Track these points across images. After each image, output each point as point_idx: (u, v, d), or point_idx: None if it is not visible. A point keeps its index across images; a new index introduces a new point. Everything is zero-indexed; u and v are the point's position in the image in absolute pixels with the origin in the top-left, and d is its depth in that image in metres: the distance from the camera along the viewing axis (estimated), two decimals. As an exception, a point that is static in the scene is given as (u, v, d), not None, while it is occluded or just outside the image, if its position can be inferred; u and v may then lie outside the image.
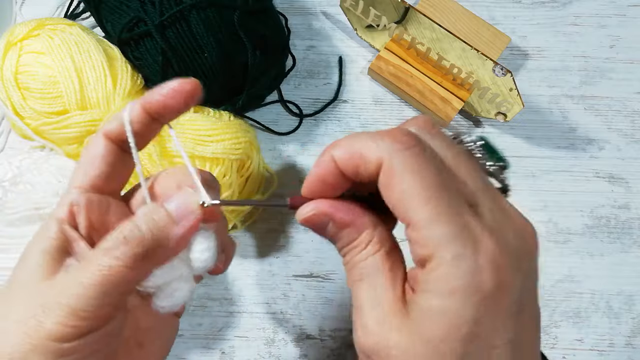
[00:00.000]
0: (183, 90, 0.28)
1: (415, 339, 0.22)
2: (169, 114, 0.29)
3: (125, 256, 0.25)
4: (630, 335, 0.49)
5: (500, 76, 0.47)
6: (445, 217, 0.22)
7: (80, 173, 0.29)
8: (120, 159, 0.29)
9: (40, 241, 0.27)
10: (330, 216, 0.26)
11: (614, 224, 0.52)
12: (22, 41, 0.48)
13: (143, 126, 0.28)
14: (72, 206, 0.28)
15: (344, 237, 0.26)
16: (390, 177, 0.23)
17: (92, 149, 0.29)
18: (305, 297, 0.50)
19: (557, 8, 0.59)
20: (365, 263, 0.25)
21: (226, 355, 0.49)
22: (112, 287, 0.25)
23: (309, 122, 0.55)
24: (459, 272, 0.22)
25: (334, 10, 0.59)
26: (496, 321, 0.22)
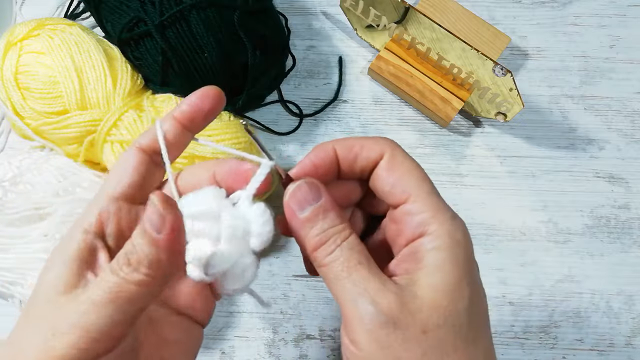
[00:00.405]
0: (209, 96, 0.29)
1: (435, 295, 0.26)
2: (201, 120, 0.30)
3: (130, 275, 0.25)
4: (630, 335, 0.49)
5: (500, 76, 0.47)
6: (437, 194, 0.28)
7: (112, 182, 0.29)
8: (151, 170, 0.30)
9: (63, 251, 0.27)
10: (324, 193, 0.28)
11: (614, 224, 0.52)
12: (22, 41, 0.48)
13: (175, 137, 0.29)
14: (101, 214, 0.28)
15: (328, 220, 0.27)
16: (394, 161, 0.29)
17: (124, 159, 0.29)
18: (305, 297, 0.50)
19: (557, 8, 0.59)
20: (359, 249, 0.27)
21: (226, 355, 0.49)
22: (125, 305, 0.25)
23: (309, 122, 0.55)
24: (457, 229, 0.27)
25: (334, 10, 0.59)
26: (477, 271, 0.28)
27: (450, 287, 0.26)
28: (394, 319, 0.25)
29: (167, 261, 0.26)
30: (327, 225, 0.27)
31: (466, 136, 0.55)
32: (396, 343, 0.25)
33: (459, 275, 0.26)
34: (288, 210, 0.28)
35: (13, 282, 0.45)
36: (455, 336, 0.26)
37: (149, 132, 0.30)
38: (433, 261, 0.26)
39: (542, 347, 0.49)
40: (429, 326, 0.25)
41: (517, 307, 0.50)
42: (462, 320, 0.26)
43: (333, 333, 0.49)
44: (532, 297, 0.50)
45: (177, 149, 0.30)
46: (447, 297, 0.26)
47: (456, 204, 0.52)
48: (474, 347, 0.26)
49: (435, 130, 0.55)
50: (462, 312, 0.26)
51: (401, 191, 0.28)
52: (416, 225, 0.27)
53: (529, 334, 0.49)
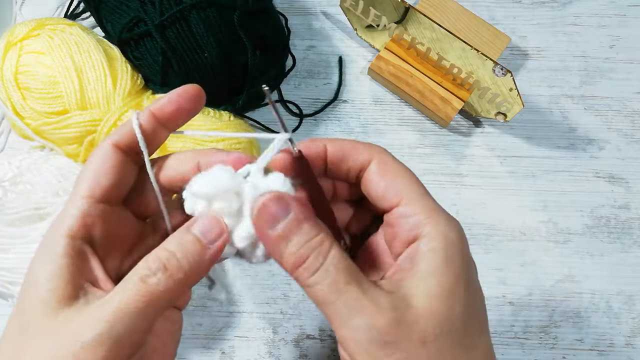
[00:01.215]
0: (189, 94, 0.29)
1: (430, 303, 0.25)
2: (178, 119, 0.29)
3: (165, 283, 0.25)
4: (630, 335, 0.49)
5: (500, 76, 0.47)
6: (429, 196, 0.28)
7: (90, 182, 0.28)
8: (128, 168, 0.29)
9: (49, 261, 0.26)
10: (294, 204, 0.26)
11: (614, 224, 0.52)
12: (22, 41, 0.48)
13: (152, 133, 0.29)
14: (85, 218, 0.27)
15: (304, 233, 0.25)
16: (383, 165, 0.29)
17: (101, 158, 0.28)
18: (305, 297, 0.50)
19: (557, 8, 0.59)
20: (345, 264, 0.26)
21: (226, 355, 0.49)
22: (151, 312, 0.25)
23: (309, 122, 0.55)
24: (452, 230, 0.27)
25: (334, 10, 0.59)
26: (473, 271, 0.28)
27: (445, 292, 0.25)
28: (392, 338, 0.24)
29: (206, 270, 0.26)
30: (304, 238, 0.25)
31: (466, 136, 0.55)
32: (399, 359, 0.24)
33: (455, 277, 0.26)
34: (258, 229, 0.26)
35: (13, 282, 0.45)
36: (453, 343, 0.25)
37: (124, 127, 0.29)
38: (427, 265, 0.26)
39: (542, 347, 0.49)
40: (428, 338, 0.25)
41: (517, 307, 0.50)
42: (458, 325, 0.25)
43: (333, 333, 0.49)
44: (532, 297, 0.50)
45: (153, 145, 0.29)
46: (443, 303, 0.25)
47: (456, 204, 0.52)
48: (473, 351, 0.26)
49: (435, 130, 0.55)
50: (459, 317, 0.25)
51: (393, 194, 0.28)
52: (410, 228, 0.27)
53: (529, 334, 0.49)
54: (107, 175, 0.28)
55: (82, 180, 0.28)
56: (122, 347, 0.24)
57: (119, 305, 0.24)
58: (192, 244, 0.26)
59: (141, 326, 0.25)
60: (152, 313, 0.25)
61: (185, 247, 0.26)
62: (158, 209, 0.30)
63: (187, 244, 0.26)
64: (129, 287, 0.25)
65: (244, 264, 0.51)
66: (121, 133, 0.29)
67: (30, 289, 0.26)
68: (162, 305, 0.25)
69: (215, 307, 0.50)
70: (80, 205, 0.27)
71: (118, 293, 0.25)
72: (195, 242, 0.26)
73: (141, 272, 0.25)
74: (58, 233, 0.27)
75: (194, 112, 0.29)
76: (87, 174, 0.28)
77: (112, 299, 0.25)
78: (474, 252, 0.28)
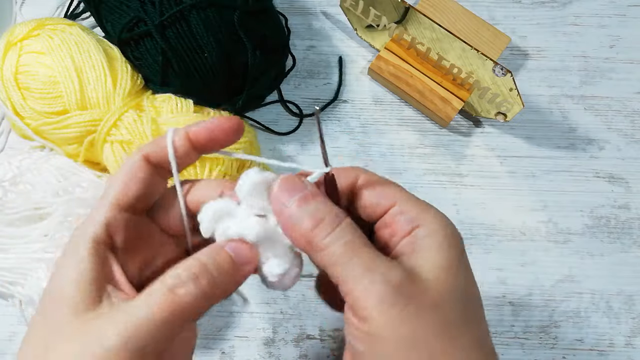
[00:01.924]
0: (226, 127, 0.29)
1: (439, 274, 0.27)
2: (211, 147, 0.30)
3: (194, 294, 0.25)
4: (630, 335, 0.49)
5: (500, 76, 0.47)
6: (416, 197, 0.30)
7: (117, 191, 0.28)
8: (156, 181, 0.29)
9: (75, 265, 0.26)
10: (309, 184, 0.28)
11: (614, 224, 0.52)
12: (22, 41, 0.48)
13: (184, 154, 0.29)
14: (109, 225, 0.27)
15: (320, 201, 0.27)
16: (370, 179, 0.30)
17: (131, 168, 0.29)
18: (305, 297, 0.50)
19: (557, 8, 0.59)
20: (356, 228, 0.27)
21: (226, 355, 0.49)
22: (176, 323, 0.25)
23: (309, 122, 0.55)
24: (444, 220, 0.28)
25: (334, 10, 0.59)
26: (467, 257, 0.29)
27: (449, 265, 0.27)
28: (406, 294, 0.25)
29: (233, 289, 0.27)
30: (321, 204, 0.27)
31: (466, 136, 0.55)
32: (410, 318, 0.25)
33: (456, 255, 0.27)
34: (276, 203, 0.27)
35: (13, 282, 0.45)
36: (461, 312, 0.26)
37: (157, 142, 0.29)
38: (429, 244, 0.27)
39: (542, 347, 0.49)
40: (439, 301, 0.26)
41: (517, 307, 0.50)
42: (463, 296, 0.27)
43: (333, 333, 0.49)
44: (532, 297, 0.50)
45: (182, 164, 0.30)
46: (449, 274, 0.27)
47: (456, 204, 0.52)
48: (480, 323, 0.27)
49: (435, 130, 0.55)
50: (464, 289, 0.27)
51: (387, 199, 0.29)
52: (408, 222, 0.28)
53: (529, 334, 0.49)
54: (135, 186, 0.28)
55: (111, 188, 0.28)
56: (145, 355, 0.24)
57: (146, 315, 0.24)
58: (225, 261, 0.27)
59: (166, 335, 0.25)
60: (178, 323, 0.25)
61: (218, 262, 0.26)
62: (182, 226, 0.30)
63: (220, 259, 0.27)
64: (156, 295, 0.25)
65: (244, 264, 0.51)
66: (153, 147, 0.29)
67: (55, 292, 0.26)
68: (188, 316, 0.25)
69: (215, 307, 0.50)
70: (106, 212, 0.28)
71: (145, 301, 0.25)
72: (228, 259, 0.27)
73: (170, 281, 0.25)
74: (83, 238, 0.27)
75: (229, 144, 0.30)
76: (115, 183, 0.29)
77: (139, 306, 0.25)
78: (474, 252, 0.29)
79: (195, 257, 0.26)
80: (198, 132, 0.29)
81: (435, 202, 0.29)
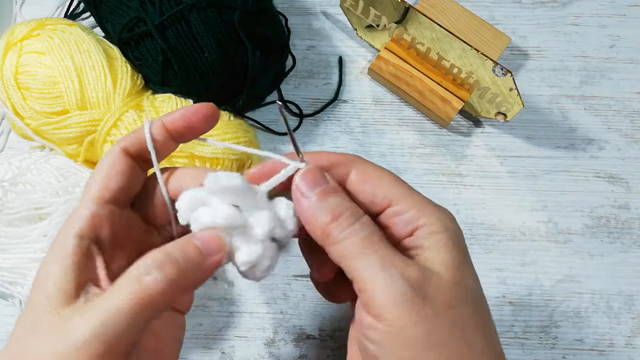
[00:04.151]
0: (201, 114, 0.30)
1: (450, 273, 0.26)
2: (188, 135, 0.30)
3: (160, 282, 0.25)
4: (630, 335, 0.49)
5: (500, 76, 0.47)
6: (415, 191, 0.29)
7: (100, 185, 0.28)
8: (137, 173, 0.30)
9: (58, 260, 0.27)
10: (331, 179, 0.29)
11: (614, 224, 0.52)
12: (22, 41, 0.48)
13: (162, 144, 0.30)
14: (94, 218, 0.28)
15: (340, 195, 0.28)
16: (363, 173, 0.29)
17: (111, 162, 0.29)
18: (305, 297, 0.50)
19: (557, 8, 0.59)
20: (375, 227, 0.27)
21: (226, 355, 0.49)
22: (145, 313, 0.25)
23: (309, 122, 0.55)
24: (446, 217, 0.28)
25: (334, 10, 0.59)
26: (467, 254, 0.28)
27: (458, 265, 0.26)
28: (423, 292, 0.25)
29: (202, 280, 0.27)
30: (340, 200, 0.27)
31: (466, 136, 0.55)
32: (427, 317, 0.25)
33: (462, 254, 0.27)
34: (297, 193, 0.28)
35: (13, 282, 0.45)
36: (472, 314, 0.26)
37: (134, 134, 0.30)
38: (435, 243, 0.27)
39: (542, 347, 0.49)
40: (453, 301, 0.26)
41: (517, 307, 0.50)
42: (475, 297, 0.26)
43: (333, 333, 0.49)
44: (532, 297, 0.50)
45: (161, 154, 0.30)
46: (459, 273, 0.26)
47: (456, 204, 0.52)
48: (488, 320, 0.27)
49: (435, 130, 0.55)
50: (473, 290, 0.27)
51: (382, 197, 0.28)
52: (406, 224, 0.28)
53: (529, 334, 0.49)
54: (116, 178, 0.29)
55: (93, 183, 0.29)
56: (116, 345, 0.24)
57: (115, 305, 0.24)
58: (192, 251, 0.26)
59: (136, 325, 0.25)
60: (147, 313, 0.25)
61: (183, 251, 0.26)
62: (165, 215, 0.31)
63: (187, 249, 0.26)
64: (123, 287, 0.25)
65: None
66: (131, 139, 0.29)
67: (39, 286, 0.27)
68: (156, 305, 0.25)
69: (215, 307, 0.50)
70: (90, 206, 0.28)
71: (113, 293, 0.25)
72: (194, 248, 0.27)
73: (136, 272, 0.25)
74: (68, 233, 0.27)
75: (205, 130, 0.30)
76: (97, 178, 0.29)
77: (108, 298, 0.25)
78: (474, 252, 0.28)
79: (162, 248, 0.26)
80: (174, 120, 0.29)
81: (436, 202, 0.29)
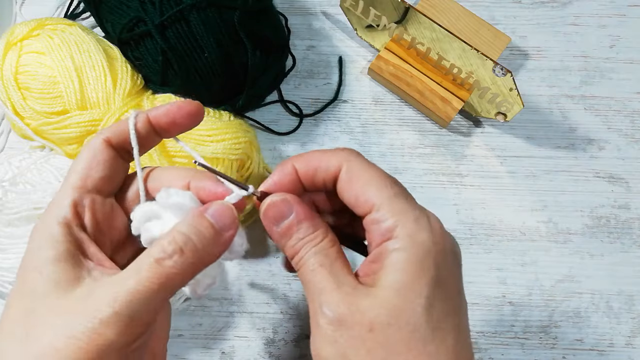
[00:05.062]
0: (185, 111, 0.30)
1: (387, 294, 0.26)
2: (172, 131, 0.31)
3: (180, 266, 0.26)
4: (630, 335, 0.49)
5: (500, 76, 0.47)
6: (401, 197, 0.28)
7: (81, 175, 0.29)
8: (118, 164, 0.30)
9: (48, 247, 0.27)
10: (296, 206, 0.29)
11: (614, 224, 0.52)
12: (22, 41, 0.48)
13: (145, 137, 0.30)
14: (76, 205, 0.28)
15: (302, 230, 0.29)
16: (352, 173, 0.29)
17: (92, 152, 0.29)
18: (305, 297, 0.50)
19: (557, 8, 0.59)
20: (327, 252, 0.28)
21: (226, 355, 0.49)
22: (164, 293, 0.26)
23: (309, 122, 0.55)
24: (421, 230, 0.27)
25: (334, 10, 0.59)
26: (448, 271, 0.28)
27: (405, 286, 0.27)
28: (340, 317, 0.26)
29: (217, 256, 0.28)
30: (302, 235, 0.29)
31: (466, 136, 0.55)
32: (343, 340, 0.26)
33: (417, 274, 0.27)
34: (265, 225, 0.30)
35: (13, 282, 0.45)
36: (410, 335, 0.26)
37: (117, 125, 0.30)
38: (392, 262, 0.27)
39: (542, 347, 0.49)
40: (376, 324, 0.26)
41: (517, 307, 0.50)
42: (418, 320, 0.26)
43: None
44: (532, 297, 0.50)
45: (144, 147, 0.31)
46: (402, 296, 0.26)
47: (456, 204, 0.52)
48: (435, 346, 0.26)
49: (435, 130, 0.55)
50: (420, 311, 0.26)
51: (364, 201, 0.29)
52: (382, 233, 0.28)
53: (529, 334, 0.49)
54: (98, 168, 0.29)
55: (73, 172, 0.29)
56: (136, 325, 0.25)
57: (136, 286, 0.25)
58: (207, 229, 0.27)
59: (154, 306, 0.26)
60: (166, 294, 0.26)
61: (200, 231, 0.27)
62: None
63: (202, 228, 0.27)
64: (144, 268, 0.26)
65: (244, 264, 0.51)
66: (114, 130, 0.30)
67: (33, 273, 0.27)
68: (175, 287, 0.26)
69: (215, 307, 0.50)
70: (72, 195, 0.28)
71: (133, 273, 0.26)
72: (209, 227, 0.27)
73: (157, 254, 0.26)
74: (52, 222, 0.28)
75: (189, 127, 0.31)
76: (78, 167, 0.29)
77: (127, 279, 0.26)
78: (474, 252, 0.28)
79: (178, 229, 0.27)
80: (158, 115, 0.30)
81: (435, 202, 0.29)
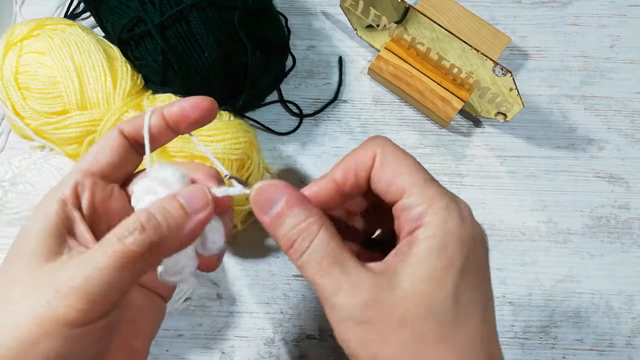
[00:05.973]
0: (199, 108, 0.30)
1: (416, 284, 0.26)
2: (185, 127, 0.31)
3: (141, 243, 0.25)
4: (630, 335, 0.49)
5: (500, 76, 0.47)
6: (432, 182, 0.28)
7: (89, 158, 0.30)
8: (129, 154, 0.31)
9: (40, 220, 0.28)
10: (286, 191, 0.28)
11: (614, 224, 0.52)
12: (22, 41, 0.48)
13: (159, 132, 0.31)
14: (77, 186, 0.29)
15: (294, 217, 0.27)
16: (385, 158, 0.29)
17: (105, 139, 0.30)
18: (305, 297, 0.50)
19: (557, 8, 0.59)
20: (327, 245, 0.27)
21: (226, 355, 0.49)
22: (126, 273, 0.25)
23: (309, 122, 0.55)
24: (452, 217, 0.27)
25: (334, 10, 0.59)
26: (477, 259, 0.27)
27: (434, 275, 0.26)
28: (366, 317, 0.26)
29: (186, 241, 0.27)
30: (294, 221, 0.27)
31: (466, 136, 0.55)
32: (374, 339, 0.26)
33: (446, 262, 0.26)
34: (256, 214, 0.29)
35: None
36: (440, 325, 0.26)
37: (134, 120, 0.31)
38: (420, 251, 0.27)
39: (542, 347, 0.49)
40: (408, 318, 0.26)
41: (517, 307, 0.50)
42: (446, 307, 0.26)
43: (333, 333, 0.49)
44: (532, 297, 0.50)
45: (157, 143, 0.31)
46: (430, 285, 0.26)
47: (456, 204, 0.52)
48: (464, 332, 0.26)
49: (435, 130, 0.55)
50: (447, 299, 0.26)
51: (396, 188, 0.28)
52: (413, 219, 0.27)
53: (529, 334, 0.49)
54: (105, 153, 0.30)
55: (84, 157, 0.30)
56: (95, 301, 0.25)
57: (96, 262, 0.25)
58: (175, 210, 0.27)
59: (115, 285, 0.25)
60: (126, 273, 0.25)
61: (166, 210, 0.27)
62: None
63: (170, 208, 0.27)
64: (105, 245, 0.25)
65: (244, 264, 0.51)
66: (130, 122, 0.31)
67: (22, 242, 0.28)
68: (137, 266, 0.26)
69: (215, 307, 0.50)
70: (75, 176, 0.29)
71: (97, 250, 0.26)
72: (178, 208, 0.27)
73: (119, 231, 0.26)
74: (52, 198, 0.28)
75: (202, 124, 0.31)
76: (90, 152, 0.30)
77: (89, 256, 0.26)
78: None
79: (146, 209, 0.27)
80: (170, 112, 0.30)
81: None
